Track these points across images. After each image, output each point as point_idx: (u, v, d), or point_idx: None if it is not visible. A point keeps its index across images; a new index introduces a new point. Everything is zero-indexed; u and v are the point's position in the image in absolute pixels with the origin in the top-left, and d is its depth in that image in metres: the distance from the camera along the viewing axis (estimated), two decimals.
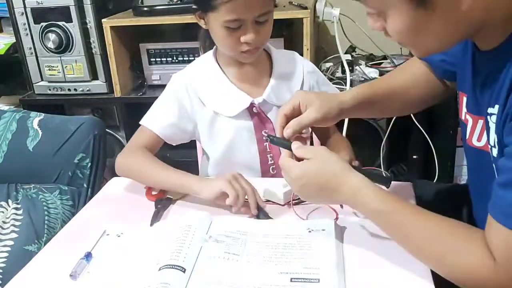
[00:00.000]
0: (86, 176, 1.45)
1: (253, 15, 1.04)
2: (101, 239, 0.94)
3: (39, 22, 1.93)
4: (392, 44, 2.45)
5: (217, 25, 1.06)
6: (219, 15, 1.04)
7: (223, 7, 1.02)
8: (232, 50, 1.10)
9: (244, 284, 0.78)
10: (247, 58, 1.13)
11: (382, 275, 0.80)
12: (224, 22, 1.04)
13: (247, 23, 1.05)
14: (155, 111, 1.20)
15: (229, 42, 1.08)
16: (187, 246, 0.86)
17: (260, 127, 1.18)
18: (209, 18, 1.08)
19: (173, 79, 1.22)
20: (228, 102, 1.17)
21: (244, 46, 1.08)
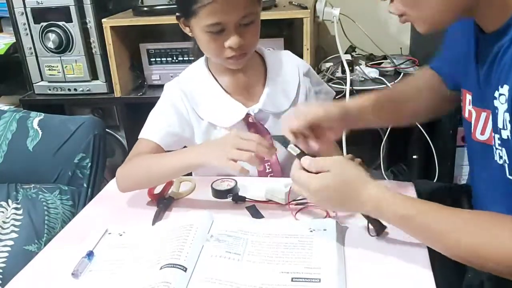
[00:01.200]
0: (86, 176, 1.45)
1: (235, 18, 1.00)
2: (103, 238, 0.94)
3: (39, 22, 1.92)
4: (392, 44, 2.47)
5: (199, 31, 1.03)
6: (200, 20, 1.00)
7: (203, 11, 0.98)
8: (217, 56, 1.07)
9: (245, 283, 0.78)
10: (234, 65, 1.08)
11: (383, 275, 0.80)
12: (205, 26, 1.00)
13: (229, 26, 1.00)
14: (152, 122, 1.15)
15: (212, 48, 1.04)
16: (189, 245, 0.86)
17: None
18: (192, 24, 1.05)
19: (167, 88, 1.18)
20: (223, 113, 1.13)
21: (229, 52, 1.03)
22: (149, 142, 1.12)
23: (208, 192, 1.08)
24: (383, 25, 2.25)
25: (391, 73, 2.00)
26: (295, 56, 1.25)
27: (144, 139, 1.13)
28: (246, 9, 1.00)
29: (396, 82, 1.90)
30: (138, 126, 2.18)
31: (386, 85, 1.89)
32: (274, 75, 1.17)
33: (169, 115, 1.14)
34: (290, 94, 1.17)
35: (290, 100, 1.17)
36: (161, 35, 2.12)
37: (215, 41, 1.03)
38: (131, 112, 2.10)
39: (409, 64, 2.03)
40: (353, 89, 1.86)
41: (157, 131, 1.13)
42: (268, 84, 1.15)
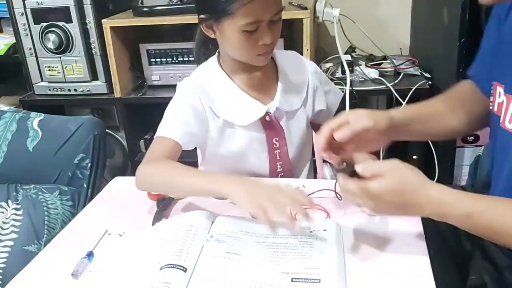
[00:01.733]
0: (86, 176, 1.45)
1: (270, 15, 1.01)
2: (103, 238, 0.94)
3: (39, 22, 1.93)
4: (392, 44, 2.47)
5: (234, 31, 1.02)
6: (236, 20, 1.00)
7: (240, 11, 0.98)
8: (249, 54, 1.07)
9: (245, 283, 0.78)
10: (263, 61, 1.10)
11: (383, 275, 0.80)
12: (242, 26, 1.00)
13: (264, 24, 1.02)
14: (170, 120, 1.13)
15: (247, 47, 1.04)
16: (189, 246, 0.86)
17: (272, 135, 1.16)
18: (222, 25, 1.03)
19: (181, 87, 1.17)
20: (241, 111, 1.13)
21: (262, 49, 1.05)
22: (168, 140, 1.08)
23: None
24: (383, 25, 2.26)
25: (391, 74, 2.00)
26: (301, 56, 1.26)
27: (162, 137, 1.10)
28: (278, 5, 1.03)
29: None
30: (138, 127, 2.21)
31: (386, 85, 1.89)
32: (285, 74, 1.18)
33: (186, 113, 1.12)
34: (301, 92, 1.18)
35: (302, 99, 1.18)
36: (161, 35, 2.12)
37: (249, 40, 1.03)
38: (131, 112, 2.10)
39: (409, 65, 2.03)
40: (353, 89, 1.86)
41: (175, 129, 1.10)
42: (281, 81, 1.16)
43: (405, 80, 1.95)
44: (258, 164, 1.16)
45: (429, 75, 1.94)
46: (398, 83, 1.93)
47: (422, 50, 2.11)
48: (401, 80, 1.95)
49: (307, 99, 1.19)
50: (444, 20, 1.74)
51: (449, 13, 1.70)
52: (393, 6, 2.24)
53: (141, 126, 2.19)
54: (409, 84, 1.91)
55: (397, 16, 2.25)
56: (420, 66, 2.02)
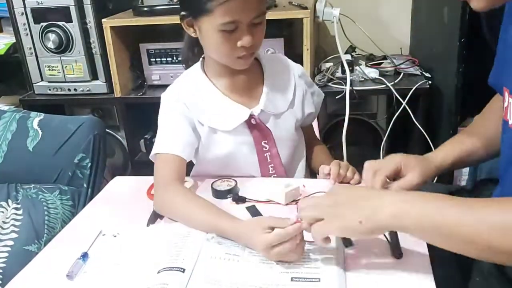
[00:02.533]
0: (86, 176, 1.45)
1: (250, 17, 0.99)
2: (97, 239, 0.94)
3: (39, 22, 1.92)
4: (392, 44, 2.47)
5: (212, 30, 1.01)
6: (214, 18, 0.98)
7: (219, 9, 0.97)
8: (227, 56, 1.05)
9: (244, 283, 0.78)
10: (243, 64, 1.07)
11: (383, 275, 0.80)
12: (220, 25, 0.99)
13: (243, 25, 1.00)
14: (166, 135, 1.11)
15: (225, 48, 1.03)
16: (187, 248, 0.87)
17: (260, 139, 1.14)
18: (201, 23, 1.02)
19: (166, 99, 1.15)
20: (224, 116, 1.11)
21: (241, 51, 1.03)
22: (172, 157, 1.07)
23: (208, 192, 1.08)
24: (383, 25, 2.26)
25: (391, 73, 2.00)
26: (288, 59, 1.25)
27: (165, 154, 1.07)
28: (259, 8, 1.01)
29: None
30: (138, 126, 2.21)
31: (386, 85, 1.89)
32: (271, 76, 1.16)
33: (180, 124, 1.11)
34: (287, 95, 1.17)
35: (288, 102, 1.17)
36: (161, 35, 2.12)
37: (227, 41, 1.01)
38: (131, 112, 2.10)
39: (409, 64, 2.03)
40: (353, 89, 1.86)
41: (175, 143, 1.08)
42: (266, 84, 1.15)
43: (405, 80, 1.95)
44: (248, 167, 1.15)
45: (429, 75, 1.94)
46: (398, 82, 1.93)
47: (422, 50, 2.11)
48: (401, 79, 1.95)
49: (294, 102, 1.18)
50: (444, 20, 1.74)
51: (449, 13, 1.70)
52: (394, 6, 2.24)
53: (141, 125, 2.19)
54: (409, 83, 1.91)
55: (397, 16, 2.25)
56: (420, 66, 2.02)
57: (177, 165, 1.06)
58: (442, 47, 1.82)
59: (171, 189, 1.02)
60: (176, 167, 1.06)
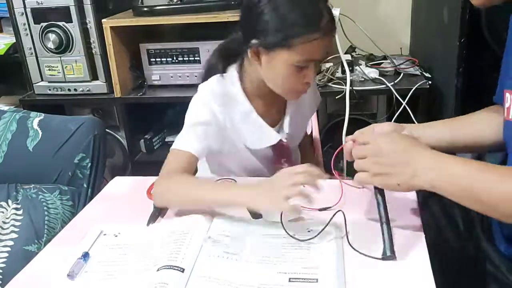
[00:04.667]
0: (86, 176, 1.45)
1: (324, 56, 1.03)
2: (98, 239, 0.94)
3: (39, 22, 1.93)
4: (392, 44, 2.47)
5: (284, 64, 1.00)
6: (292, 54, 0.98)
7: (300, 47, 0.97)
8: (289, 89, 1.06)
9: (243, 283, 0.78)
10: (297, 97, 1.11)
11: (382, 275, 0.80)
12: (296, 61, 0.99)
13: (314, 63, 1.02)
14: (190, 132, 1.09)
15: (291, 82, 1.03)
16: (186, 247, 0.87)
17: (280, 157, 1.19)
18: (274, 55, 1.00)
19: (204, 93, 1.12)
20: (254, 134, 1.14)
21: (304, 86, 1.05)
22: (185, 153, 1.06)
23: None
24: (383, 25, 2.26)
25: (391, 73, 2.00)
26: None
27: (178, 150, 1.07)
28: (330, 47, 1.07)
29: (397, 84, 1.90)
30: (138, 126, 2.21)
31: (386, 85, 1.89)
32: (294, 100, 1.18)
33: (207, 125, 1.09)
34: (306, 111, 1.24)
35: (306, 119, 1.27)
36: (161, 35, 2.12)
37: (295, 75, 1.02)
38: (131, 112, 2.10)
39: (409, 64, 2.03)
40: (353, 89, 1.86)
41: (195, 142, 1.07)
42: (289, 107, 1.17)
43: (405, 80, 1.95)
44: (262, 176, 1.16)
45: (429, 75, 1.94)
46: (398, 82, 1.93)
47: (422, 50, 2.11)
48: (401, 80, 1.95)
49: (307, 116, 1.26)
50: (444, 20, 1.74)
51: (449, 13, 1.70)
52: (393, 6, 2.24)
53: (141, 126, 2.20)
54: (409, 84, 1.91)
55: (397, 16, 2.25)
56: (420, 66, 2.02)
57: (189, 162, 1.05)
58: (442, 47, 1.81)
59: (175, 176, 1.02)
60: (187, 163, 1.05)
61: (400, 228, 0.90)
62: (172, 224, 0.97)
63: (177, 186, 1.00)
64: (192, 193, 0.98)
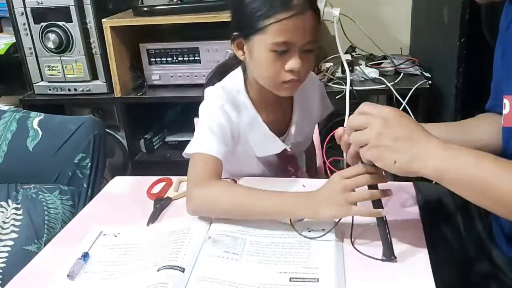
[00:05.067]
0: (86, 176, 1.45)
1: (302, 41, 0.97)
2: (98, 239, 0.94)
3: (39, 22, 1.93)
4: (392, 44, 2.47)
5: (263, 50, 0.98)
6: (267, 37, 0.96)
7: (273, 28, 0.95)
8: (273, 79, 1.02)
9: (243, 283, 0.78)
10: (288, 90, 1.05)
11: (382, 275, 0.80)
12: (272, 44, 0.97)
13: (293, 49, 0.98)
14: (208, 135, 1.05)
15: (273, 70, 1.00)
16: (186, 247, 0.87)
17: (286, 164, 1.18)
18: (253, 43, 1.00)
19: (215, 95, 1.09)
20: (260, 142, 1.13)
21: (288, 75, 1.00)
22: (211, 158, 1.01)
23: None
24: (383, 25, 2.26)
25: (391, 73, 2.00)
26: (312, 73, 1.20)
27: (203, 154, 1.02)
28: (312, 35, 0.99)
29: (395, 80, 1.90)
30: (138, 126, 2.20)
31: (386, 85, 1.89)
32: (301, 103, 1.16)
33: (223, 126, 1.06)
34: (313, 118, 1.22)
35: (313, 125, 1.23)
36: (161, 35, 2.12)
37: (276, 62, 0.99)
38: (131, 112, 2.10)
39: (409, 64, 2.03)
40: (353, 89, 1.86)
41: (217, 145, 1.04)
42: (295, 114, 1.16)
43: (405, 80, 1.95)
44: None
45: (429, 75, 1.94)
46: (398, 82, 1.93)
47: (422, 50, 2.11)
48: (401, 79, 1.95)
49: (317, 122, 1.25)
50: (444, 20, 1.74)
51: (449, 13, 1.70)
52: (394, 6, 2.24)
53: (141, 125, 2.20)
54: (409, 83, 1.91)
55: (397, 16, 2.25)
56: (420, 66, 2.02)
57: (217, 166, 1.01)
58: (442, 47, 1.81)
59: (212, 184, 0.97)
60: (216, 168, 1.01)
61: (400, 228, 0.90)
62: (172, 224, 0.97)
63: (222, 195, 0.95)
64: (244, 204, 0.93)
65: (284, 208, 0.90)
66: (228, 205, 0.94)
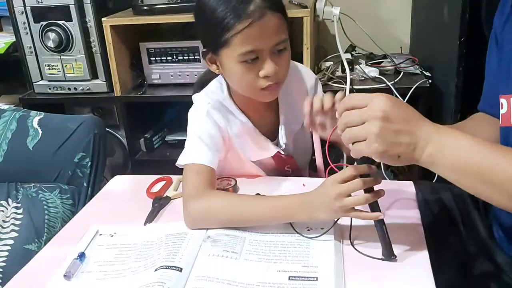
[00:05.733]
0: (86, 175, 1.45)
1: (269, 45, 0.95)
2: (94, 239, 0.94)
3: (39, 21, 1.92)
4: (392, 43, 2.47)
5: (232, 62, 0.97)
6: (233, 49, 0.94)
7: (236, 39, 0.93)
8: (251, 88, 1.00)
9: (242, 282, 0.79)
10: (269, 96, 1.03)
11: (382, 275, 0.80)
12: (239, 56, 0.95)
13: (263, 54, 0.96)
14: (198, 144, 1.04)
15: (247, 80, 0.98)
16: (184, 248, 0.87)
17: (283, 165, 1.17)
18: (222, 57, 0.98)
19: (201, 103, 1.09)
20: (253, 147, 1.11)
21: (264, 82, 0.98)
22: (203, 167, 1.01)
23: None
24: (383, 24, 2.25)
25: (391, 72, 2.00)
26: (300, 67, 1.20)
27: (195, 164, 1.01)
28: (279, 35, 0.96)
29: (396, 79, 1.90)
30: (138, 125, 2.20)
31: (386, 84, 1.89)
32: (285, 100, 1.13)
33: (212, 133, 1.06)
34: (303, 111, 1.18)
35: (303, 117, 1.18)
36: (161, 34, 2.12)
37: (249, 72, 0.97)
38: (131, 111, 2.10)
39: (409, 63, 2.03)
40: (353, 88, 1.86)
41: (208, 153, 1.03)
42: (282, 112, 1.13)
43: (405, 79, 1.95)
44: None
45: (429, 74, 1.94)
46: (398, 81, 1.92)
47: (422, 49, 2.11)
48: (401, 78, 1.95)
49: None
50: (444, 19, 1.74)
51: (449, 12, 1.70)
52: (394, 5, 2.24)
53: (141, 124, 2.19)
54: (409, 82, 1.90)
55: (397, 15, 2.25)
56: (420, 65, 2.02)
57: (210, 176, 1.01)
58: (442, 46, 1.81)
59: (208, 195, 0.96)
60: (209, 177, 1.00)
61: (400, 228, 0.90)
62: (170, 224, 0.97)
63: (219, 206, 0.95)
64: (241, 213, 0.93)
65: (281, 213, 0.90)
66: (226, 215, 0.94)
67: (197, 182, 0.99)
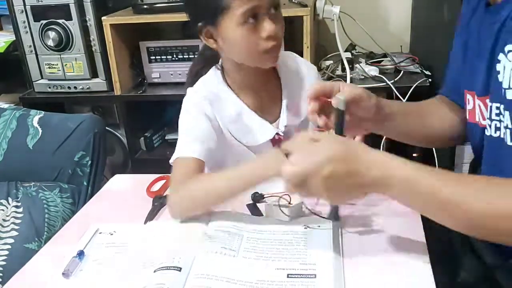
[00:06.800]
0: (86, 174, 1.46)
1: (268, 2, 0.97)
2: (93, 237, 0.94)
3: (39, 20, 1.93)
4: (392, 42, 2.46)
5: (233, 27, 0.98)
6: (233, 12, 0.96)
7: (235, 2, 0.96)
8: (254, 52, 1.00)
9: (241, 280, 0.79)
10: (270, 60, 1.04)
11: (381, 271, 0.80)
12: (240, 17, 0.96)
13: (263, 15, 0.98)
14: (187, 138, 1.06)
15: (250, 42, 0.99)
16: (182, 246, 0.87)
17: None
18: (221, 26, 0.99)
19: (189, 100, 1.11)
20: (249, 131, 1.11)
21: (266, 43, 0.99)
22: (188, 160, 1.01)
23: None
24: (383, 23, 2.25)
25: (391, 71, 2.00)
26: (301, 61, 1.21)
27: (181, 158, 1.02)
28: None
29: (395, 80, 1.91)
30: (138, 124, 2.21)
31: (386, 83, 1.89)
32: (289, 88, 1.14)
33: (201, 126, 1.06)
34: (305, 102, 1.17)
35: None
36: (161, 33, 2.12)
37: (251, 34, 0.98)
38: (131, 110, 2.10)
39: (409, 62, 2.03)
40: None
41: (195, 146, 1.03)
42: (285, 98, 1.13)
43: (405, 78, 1.95)
44: None
45: (429, 73, 1.94)
46: (398, 80, 1.92)
47: (423, 48, 2.11)
48: (401, 77, 1.95)
49: None
50: (444, 18, 1.74)
51: (449, 11, 1.70)
52: (394, 4, 2.24)
53: (141, 123, 2.20)
54: (409, 81, 1.90)
55: (397, 14, 2.25)
56: (421, 64, 2.02)
57: (196, 167, 1.01)
58: (442, 45, 1.81)
59: (185, 183, 0.97)
60: (194, 168, 1.00)
61: (400, 228, 0.90)
62: (169, 223, 0.97)
63: (196, 189, 0.96)
64: (216, 189, 0.95)
65: (253, 173, 0.92)
66: (204, 194, 0.95)
67: (181, 175, 1.00)
